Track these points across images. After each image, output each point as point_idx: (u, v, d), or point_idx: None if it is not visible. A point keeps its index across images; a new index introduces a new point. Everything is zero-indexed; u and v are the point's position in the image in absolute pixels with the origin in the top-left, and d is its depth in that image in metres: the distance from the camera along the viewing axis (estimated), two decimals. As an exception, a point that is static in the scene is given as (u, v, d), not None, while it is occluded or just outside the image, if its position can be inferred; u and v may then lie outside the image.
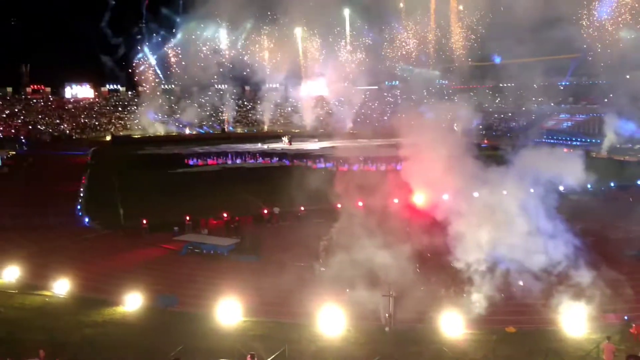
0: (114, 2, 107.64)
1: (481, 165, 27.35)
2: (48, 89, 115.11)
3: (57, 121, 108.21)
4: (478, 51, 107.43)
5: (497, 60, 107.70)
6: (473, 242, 23.38)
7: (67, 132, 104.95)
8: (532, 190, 25.34)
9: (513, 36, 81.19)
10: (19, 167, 65.45)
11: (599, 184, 42.91)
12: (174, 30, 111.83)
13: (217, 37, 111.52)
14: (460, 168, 26.98)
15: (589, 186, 42.11)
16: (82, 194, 46.90)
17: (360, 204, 32.99)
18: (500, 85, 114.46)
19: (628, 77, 71.01)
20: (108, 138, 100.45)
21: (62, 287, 24.61)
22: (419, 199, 29.85)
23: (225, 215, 36.51)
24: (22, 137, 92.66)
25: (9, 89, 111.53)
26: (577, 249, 23.74)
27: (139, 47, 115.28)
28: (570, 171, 25.38)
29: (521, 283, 23.17)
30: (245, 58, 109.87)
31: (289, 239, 33.51)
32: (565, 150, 41.05)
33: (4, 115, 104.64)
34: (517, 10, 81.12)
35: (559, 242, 23.71)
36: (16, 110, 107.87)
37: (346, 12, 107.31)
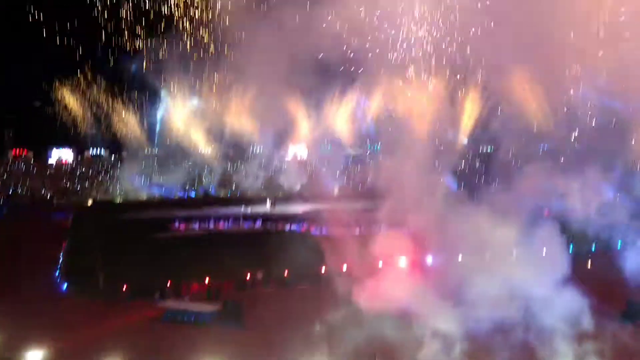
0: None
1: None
2: (30, 153, 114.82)
3: (38, 185, 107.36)
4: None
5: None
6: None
7: (48, 196, 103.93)
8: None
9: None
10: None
11: (580, 247, 43.27)
12: (159, 96, 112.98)
13: (202, 101, 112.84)
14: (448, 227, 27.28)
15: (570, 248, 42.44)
16: (61, 259, 46.00)
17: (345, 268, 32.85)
18: (481, 151, 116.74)
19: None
20: (89, 202, 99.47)
21: (35, 358, 23.72)
22: (403, 262, 29.87)
23: (207, 280, 35.96)
24: (1, 202, 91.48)
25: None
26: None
27: (126, 113, 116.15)
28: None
29: None
30: (230, 121, 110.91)
31: (272, 304, 33.08)
32: (546, 213, 41.52)
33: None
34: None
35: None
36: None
37: (331, 77, 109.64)
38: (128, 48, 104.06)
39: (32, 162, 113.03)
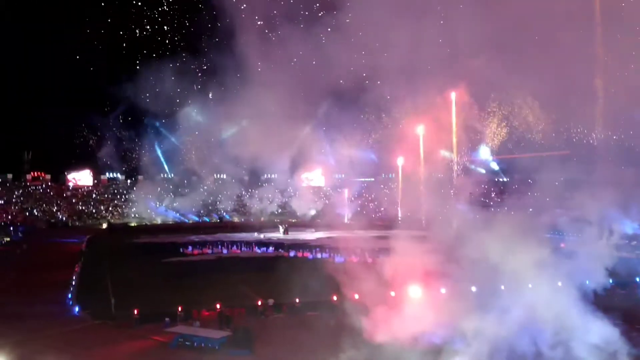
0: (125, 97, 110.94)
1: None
2: (48, 176, 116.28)
3: (55, 208, 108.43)
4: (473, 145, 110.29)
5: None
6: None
7: (64, 219, 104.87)
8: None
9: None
10: (13, 253, 64.81)
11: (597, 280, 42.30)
12: (176, 122, 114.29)
13: (218, 127, 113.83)
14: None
15: (587, 282, 41.64)
16: (74, 282, 46.10)
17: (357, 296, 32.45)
18: (496, 180, 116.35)
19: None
20: (104, 226, 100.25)
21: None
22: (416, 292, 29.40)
23: (218, 306, 35.76)
24: (18, 224, 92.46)
25: (9, 176, 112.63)
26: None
27: (142, 138, 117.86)
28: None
29: None
30: (245, 147, 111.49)
31: (283, 332, 32.74)
32: (562, 245, 40.91)
33: (2, 202, 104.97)
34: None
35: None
36: (14, 196, 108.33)
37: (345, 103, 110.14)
38: (147, 73, 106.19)
39: (49, 185, 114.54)
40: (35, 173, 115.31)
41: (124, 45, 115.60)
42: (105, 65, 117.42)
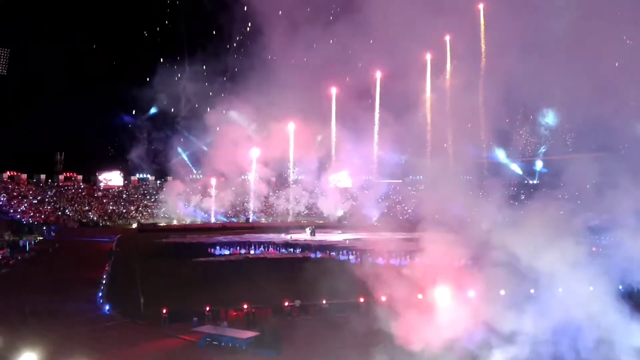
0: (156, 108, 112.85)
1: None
2: (80, 177, 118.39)
3: (86, 208, 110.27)
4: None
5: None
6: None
7: (95, 219, 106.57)
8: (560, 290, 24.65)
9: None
10: (45, 252, 66.06)
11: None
12: (204, 123, 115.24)
13: (246, 129, 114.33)
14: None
15: (620, 287, 40.57)
16: (104, 281, 46.73)
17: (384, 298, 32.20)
18: (527, 182, 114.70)
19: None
20: (134, 225, 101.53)
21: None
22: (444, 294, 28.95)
23: (245, 306, 35.85)
24: (51, 223, 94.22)
25: (43, 176, 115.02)
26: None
27: (171, 139, 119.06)
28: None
29: None
30: (272, 149, 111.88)
31: (310, 333, 32.62)
32: (593, 249, 39.84)
33: (35, 202, 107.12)
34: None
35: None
36: (47, 196, 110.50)
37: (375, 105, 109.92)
38: (178, 75, 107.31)
39: (81, 185, 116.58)
40: (68, 173, 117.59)
41: (155, 46, 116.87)
42: (138, 67, 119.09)
